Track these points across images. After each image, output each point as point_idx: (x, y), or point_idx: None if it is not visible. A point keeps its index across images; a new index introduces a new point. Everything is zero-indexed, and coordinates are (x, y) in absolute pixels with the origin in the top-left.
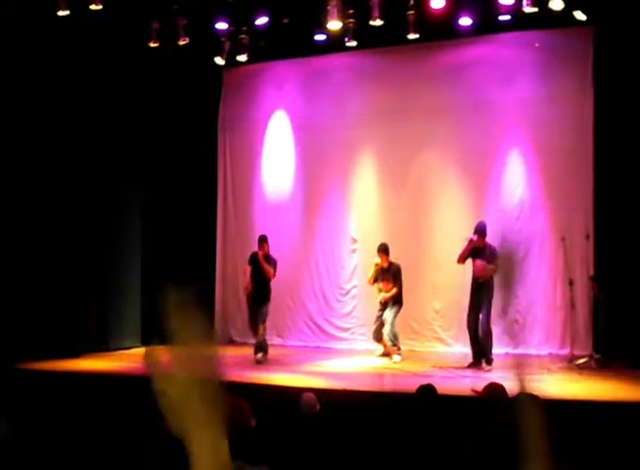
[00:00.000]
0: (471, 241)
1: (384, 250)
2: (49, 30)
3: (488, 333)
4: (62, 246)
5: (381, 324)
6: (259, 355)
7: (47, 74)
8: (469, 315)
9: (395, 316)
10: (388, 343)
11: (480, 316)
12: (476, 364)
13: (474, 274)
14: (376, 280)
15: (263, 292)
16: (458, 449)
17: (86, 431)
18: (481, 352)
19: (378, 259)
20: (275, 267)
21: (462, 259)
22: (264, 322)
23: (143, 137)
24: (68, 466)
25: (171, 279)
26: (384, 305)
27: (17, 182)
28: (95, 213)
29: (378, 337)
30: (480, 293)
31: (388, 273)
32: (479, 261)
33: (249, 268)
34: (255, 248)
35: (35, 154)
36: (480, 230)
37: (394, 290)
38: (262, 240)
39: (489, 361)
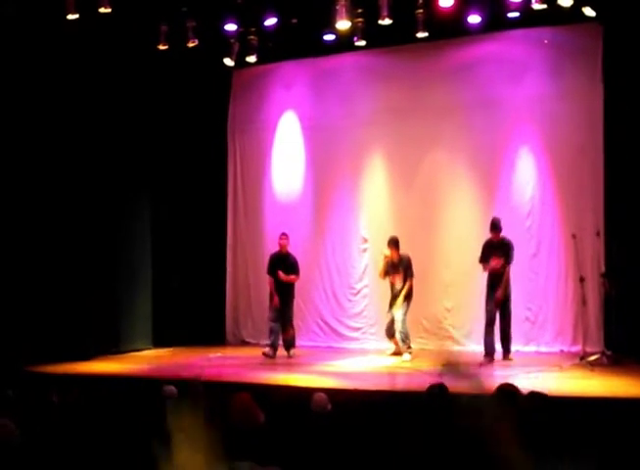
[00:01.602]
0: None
1: (394, 243)
2: (58, 34)
3: (509, 325)
4: (72, 248)
5: (392, 320)
6: (292, 351)
7: (57, 78)
8: (486, 306)
9: (405, 313)
10: (400, 341)
11: (499, 309)
12: (487, 360)
13: (490, 268)
14: (387, 274)
15: (289, 294)
16: (467, 448)
17: (98, 433)
18: (492, 347)
19: (387, 251)
20: (298, 268)
21: (485, 269)
22: (289, 324)
23: (153, 139)
24: (78, 469)
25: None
26: (393, 300)
27: (28, 185)
28: (105, 216)
29: (390, 333)
30: (499, 281)
31: (399, 266)
32: (495, 260)
33: (272, 281)
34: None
35: (44, 155)
36: (496, 226)
37: (407, 285)
38: (283, 237)
39: (508, 351)
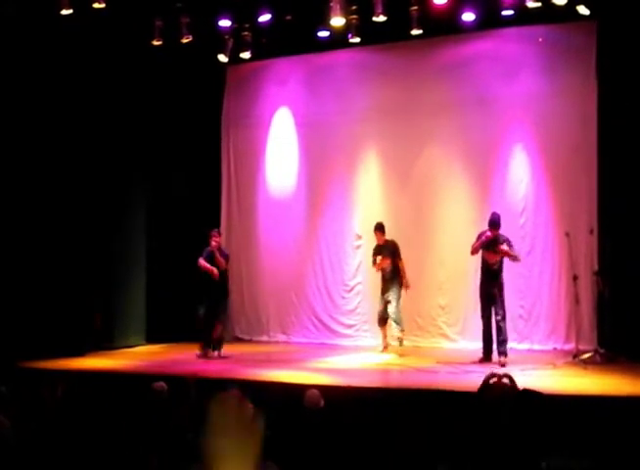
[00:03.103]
0: (487, 237)
1: (379, 228)
2: (53, 29)
3: (504, 324)
4: (66, 244)
5: (385, 306)
6: (222, 352)
7: (52, 74)
8: (482, 306)
9: (399, 296)
10: (394, 324)
11: (494, 308)
12: (486, 359)
13: (486, 263)
14: (375, 261)
15: (220, 285)
16: (461, 445)
17: (91, 430)
18: (490, 346)
19: (376, 258)
20: (227, 260)
21: (475, 252)
22: (223, 320)
23: (148, 135)
24: (72, 465)
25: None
26: (385, 286)
27: (23, 181)
28: (100, 211)
29: (383, 319)
30: (494, 282)
31: (386, 250)
32: (500, 247)
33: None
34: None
35: (40, 151)
36: (496, 223)
37: (401, 266)
38: (215, 234)
39: (505, 354)
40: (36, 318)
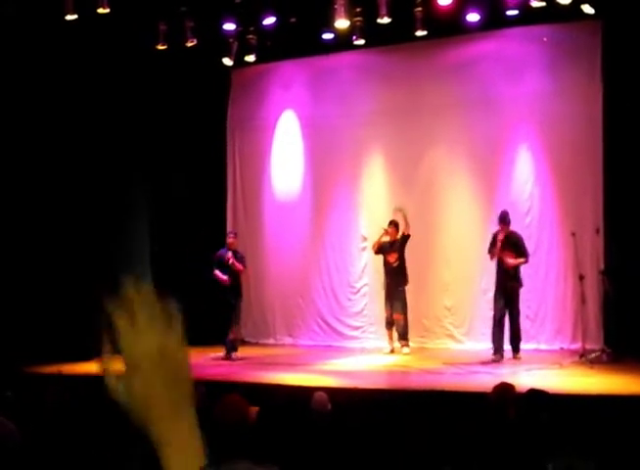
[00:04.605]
0: (500, 241)
1: (395, 224)
2: (58, 33)
3: (518, 323)
4: (71, 247)
5: (392, 310)
6: (239, 354)
7: (56, 77)
8: (495, 304)
9: (405, 304)
10: (398, 337)
11: (509, 307)
12: (497, 358)
13: (503, 265)
14: (380, 250)
15: (237, 287)
16: (467, 446)
17: (96, 435)
18: (501, 345)
19: (387, 227)
20: (244, 263)
21: (493, 256)
22: (238, 323)
23: (153, 138)
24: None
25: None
26: (389, 289)
27: (27, 185)
28: (104, 216)
29: (390, 323)
30: (510, 281)
31: (394, 246)
32: (509, 259)
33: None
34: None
35: (43, 156)
36: (505, 219)
37: (396, 256)
38: (233, 235)
39: (518, 350)
40: (42, 323)
